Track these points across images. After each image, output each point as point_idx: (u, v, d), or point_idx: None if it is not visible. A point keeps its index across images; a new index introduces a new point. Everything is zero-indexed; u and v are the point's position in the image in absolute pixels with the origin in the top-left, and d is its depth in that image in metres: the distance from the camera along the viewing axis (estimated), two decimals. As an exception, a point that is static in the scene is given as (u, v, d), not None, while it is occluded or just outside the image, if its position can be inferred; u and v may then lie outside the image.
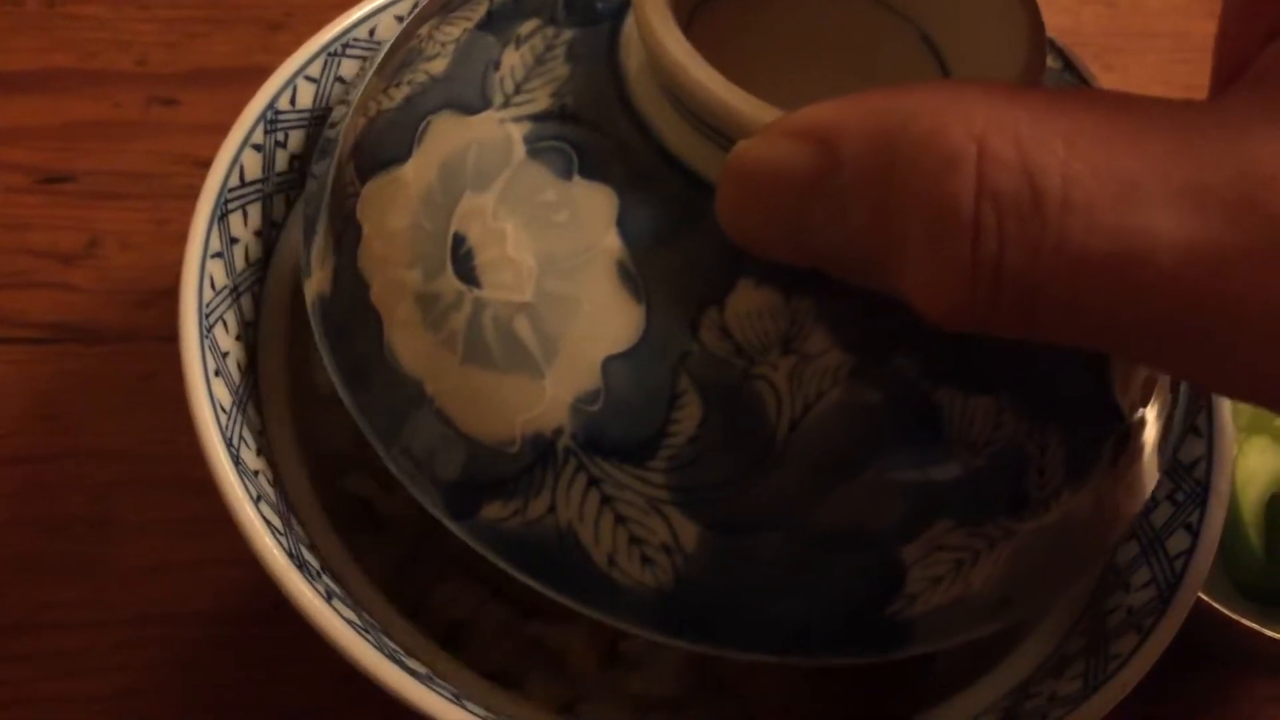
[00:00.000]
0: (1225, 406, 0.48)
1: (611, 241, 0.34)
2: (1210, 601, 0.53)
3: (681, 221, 0.34)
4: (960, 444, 0.34)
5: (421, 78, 0.39)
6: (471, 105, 0.37)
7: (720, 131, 0.32)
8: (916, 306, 0.28)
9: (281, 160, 0.49)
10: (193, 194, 0.46)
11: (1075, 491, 0.37)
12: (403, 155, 0.37)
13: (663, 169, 0.34)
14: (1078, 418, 0.36)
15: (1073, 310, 0.26)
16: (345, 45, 0.51)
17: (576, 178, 0.34)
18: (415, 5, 0.52)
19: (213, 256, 0.45)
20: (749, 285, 0.33)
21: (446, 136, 0.37)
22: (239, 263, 0.47)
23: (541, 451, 0.34)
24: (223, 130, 0.48)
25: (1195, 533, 0.46)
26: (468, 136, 0.36)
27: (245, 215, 0.48)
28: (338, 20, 0.51)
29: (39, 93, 0.69)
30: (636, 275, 0.33)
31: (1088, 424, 0.37)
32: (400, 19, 0.52)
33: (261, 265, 0.48)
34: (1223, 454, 0.47)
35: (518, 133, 0.35)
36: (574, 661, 0.45)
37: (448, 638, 0.47)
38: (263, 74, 0.50)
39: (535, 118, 0.35)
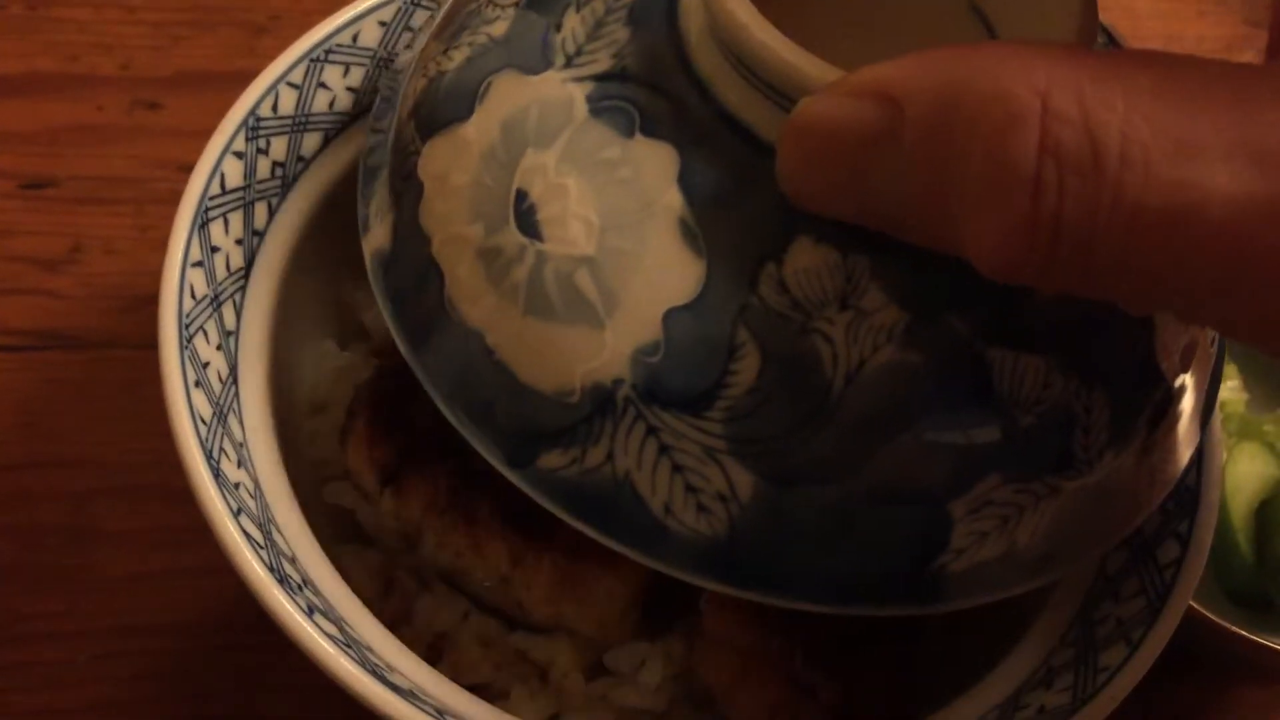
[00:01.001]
0: (1215, 416, 0.48)
1: (673, 198, 0.35)
2: (1200, 609, 0.53)
3: (741, 180, 0.35)
4: (1010, 402, 0.35)
5: (481, 39, 0.40)
6: (533, 66, 0.38)
7: (782, 92, 0.33)
8: (974, 261, 0.29)
9: (263, 167, 0.49)
10: (176, 199, 0.45)
11: (1118, 453, 0.38)
12: (464, 114, 0.38)
13: (723, 129, 0.35)
14: (1123, 381, 0.38)
15: (1127, 264, 0.27)
16: (328, 51, 0.51)
17: (638, 136, 0.35)
18: (400, 12, 0.52)
19: (193, 265, 0.45)
20: (807, 242, 0.34)
21: (508, 96, 0.38)
22: (220, 271, 0.46)
23: (601, 401, 0.35)
24: (207, 135, 0.47)
25: (1185, 542, 0.46)
26: (529, 96, 0.37)
27: (226, 223, 0.47)
28: (321, 26, 0.50)
29: (21, 96, 0.68)
30: (697, 231, 0.34)
31: (1132, 387, 0.38)
32: (384, 24, 0.52)
33: (243, 274, 0.47)
34: (1212, 462, 0.47)
35: (579, 93, 0.36)
36: (558, 674, 0.45)
37: (431, 650, 0.47)
38: (247, 78, 0.49)
39: (597, 78, 0.36)
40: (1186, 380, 0.40)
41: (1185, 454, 0.42)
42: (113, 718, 0.53)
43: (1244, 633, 0.53)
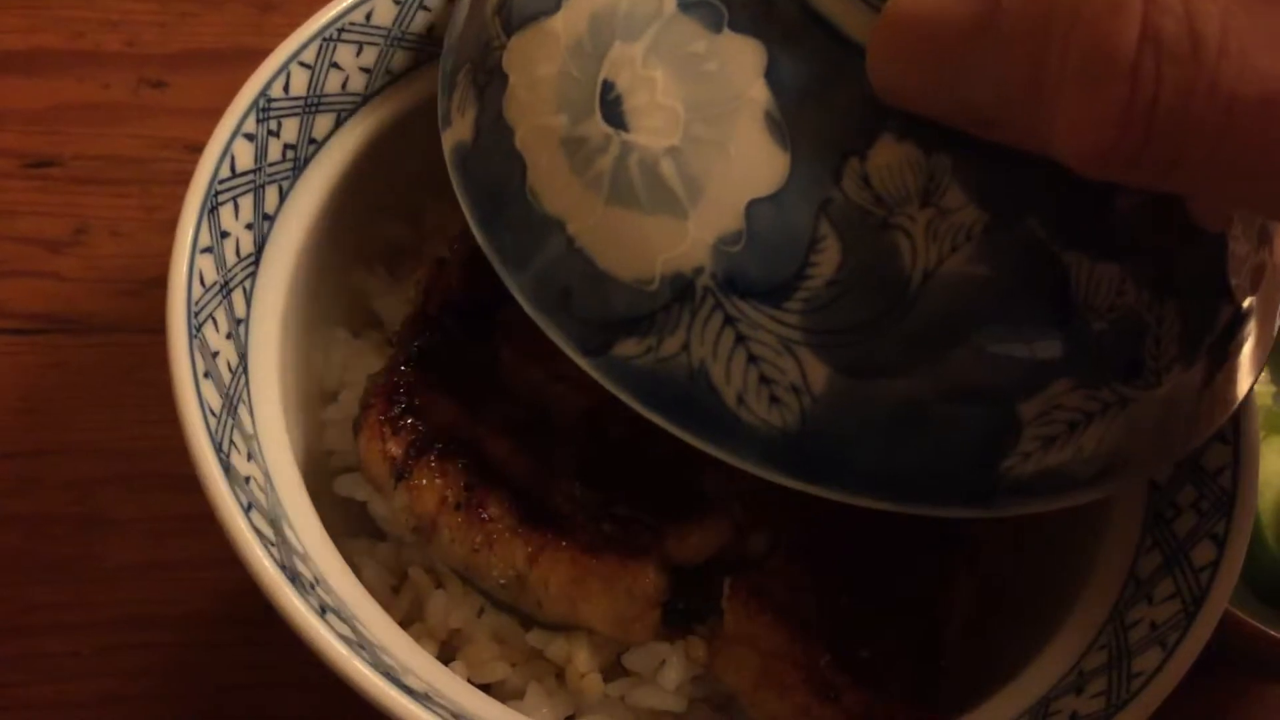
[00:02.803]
0: (1253, 414, 0.46)
1: (759, 92, 0.35)
2: (1230, 608, 0.51)
3: (827, 77, 0.35)
4: (1084, 306, 0.36)
5: None
6: None
7: None
8: (1063, 153, 0.29)
9: (274, 150, 0.47)
10: (183, 179, 0.44)
11: (1186, 368, 0.38)
12: (551, 8, 0.39)
13: (810, 26, 0.36)
14: (1195, 296, 0.38)
15: (1217, 155, 0.28)
16: (341, 30, 0.49)
17: (726, 31, 0.36)
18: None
19: (202, 251, 0.44)
20: (890, 139, 0.35)
21: None
22: (230, 257, 0.45)
23: (680, 290, 0.36)
24: (214, 114, 0.46)
25: (1221, 544, 0.44)
26: None
27: (236, 207, 0.46)
28: (333, 4, 0.49)
29: (25, 74, 0.67)
30: (782, 124, 0.35)
31: (1203, 303, 0.38)
32: (398, 2, 0.50)
33: (253, 260, 0.46)
34: (1249, 462, 0.45)
35: None
36: (575, 674, 0.44)
37: (444, 647, 0.46)
38: (255, 56, 0.48)
39: None
40: (1254, 303, 0.40)
41: (1247, 381, 0.41)
42: (119, 712, 0.52)
43: (1274, 633, 0.51)
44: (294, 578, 0.39)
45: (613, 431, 0.45)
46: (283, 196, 0.48)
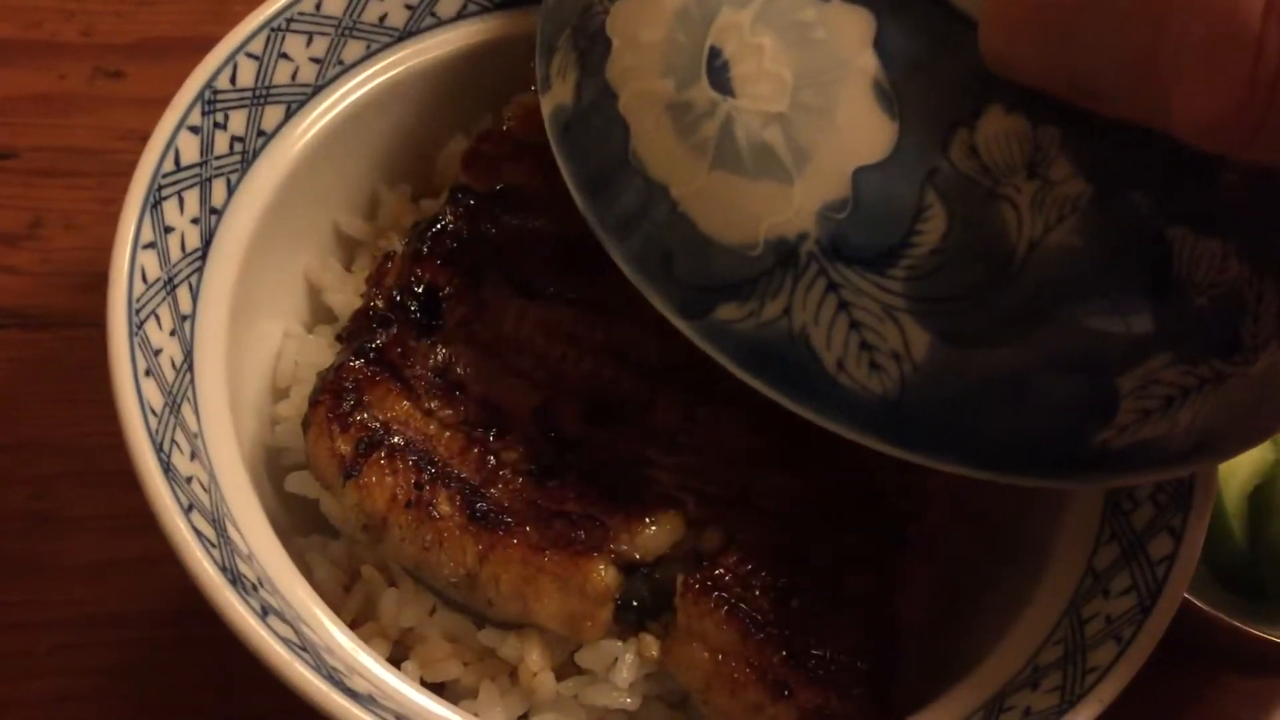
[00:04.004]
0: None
1: (868, 60, 0.36)
2: (1192, 599, 0.51)
3: (937, 47, 0.36)
4: (1185, 281, 0.36)
5: None
6: None
7: None
8: (1178, 123, 0.30)
9: (221, 142, 0.47)
10: (140, 172, 0.43)
11: None
12: None
13: None
14: None
15: None
16: (290, 20, 0.48)
17: (834, 0, 0.36)
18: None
19: (144, 247, 0.43)
20: (999, 110, 0.35)
21: None
22: (174, 253, 0.44)
23: (784, 255, 0.36)
24: (172, 105, 0.45)
25: (1179, 537, 0.44)
26: None
27: (181, 202, 0.45)
28: (281, -7, 0.48)
29: (-21, 64, 0.66)
30: (891, 93, 0.36)
31: None
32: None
33: (200, 255, 0.45)
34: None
35: None
36: (528, 672, 0.43)
37: (397, 646, 0.45)
38: (214, 45, 0.47)
39: None
40: None
41: None
42: (75, 711, 0.51)
43: (1237, 624, 0.51)
44: (235, 579, 0.38)
45: (565, 428, 0.45)
46: (231, 190, 0.47)
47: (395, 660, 0.43)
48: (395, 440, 0.43)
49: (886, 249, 0.36)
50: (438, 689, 0.44)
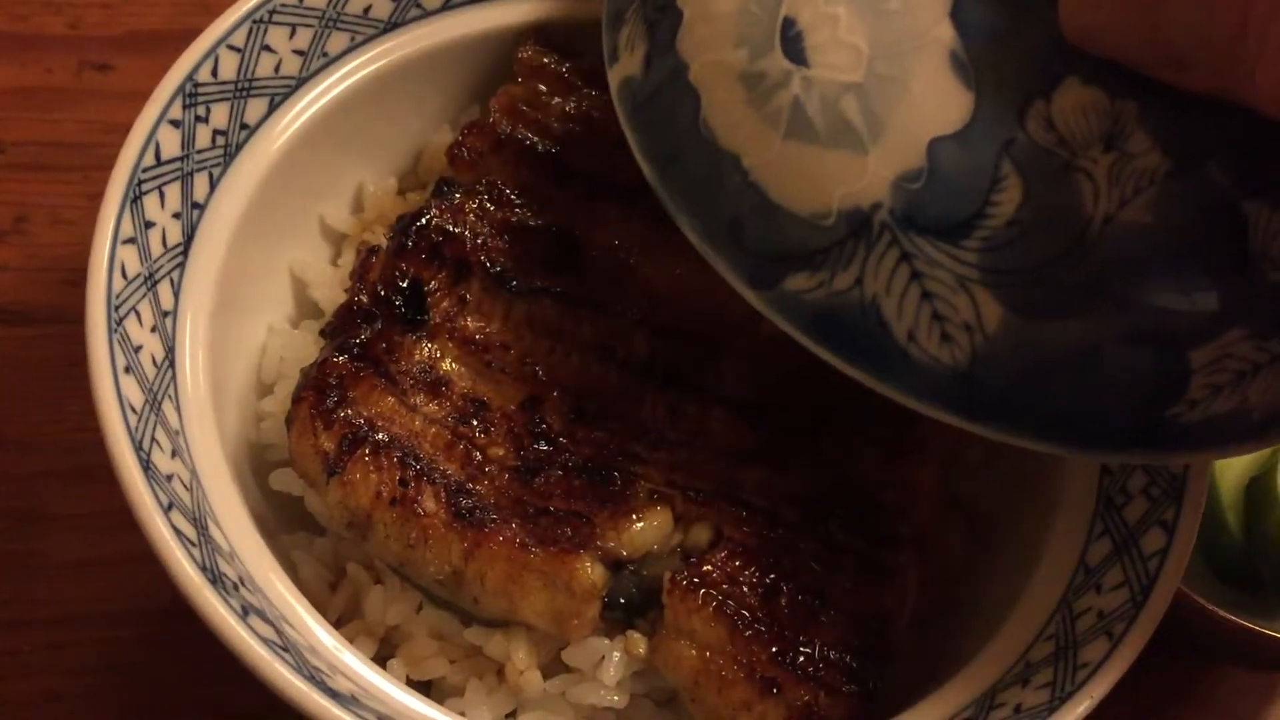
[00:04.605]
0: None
1: (944, 31, 0.36)
2: (1186, 591, 0.50)
3: (1014, 19, 0.36)
4: (1261, 256, 0.36)
5: None
6: None
7: None
8: (1261, 96, 0.30)
9: (203, 136, 0.46)
10: (127, 165, 0.43)
11: None
12: None
13: None
14: None
15: None
16: (272, 12, 0.48)
17: None
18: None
19: (124, 242, 0.42)
20: (1076, 82, 0.35)
21: None
22: (155, 248, 0.44)
23: (857, 225, 0.36)
24: (159, 98, 0.45)
25: (1171, 530, 0.44)
26: None
27: (162, 196, 0.44)
28: (264, -16, 0.48)
29: (-35, 58, 0.65)
30: (967, 64, 0.36)
31: None
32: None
33: (181, 250, 0.45)
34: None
35: None
36: (514, 670, 0.43)
37: (384, 644, 0.45)
38: (201, 38, 0.46)
39: None
40: None
41: None
42: (63, 710, 0.51)
43: (1232, 617, 0.51)
44: (216, 579, 0.38)
45: (551, 425, 0.44)
46: (213, 184, 0.47)
47: (381, 658, 0.43)
48: (379, 437, 0.43)
49: (961, 220, 0.36)
50: (424, 687, 0.44)
